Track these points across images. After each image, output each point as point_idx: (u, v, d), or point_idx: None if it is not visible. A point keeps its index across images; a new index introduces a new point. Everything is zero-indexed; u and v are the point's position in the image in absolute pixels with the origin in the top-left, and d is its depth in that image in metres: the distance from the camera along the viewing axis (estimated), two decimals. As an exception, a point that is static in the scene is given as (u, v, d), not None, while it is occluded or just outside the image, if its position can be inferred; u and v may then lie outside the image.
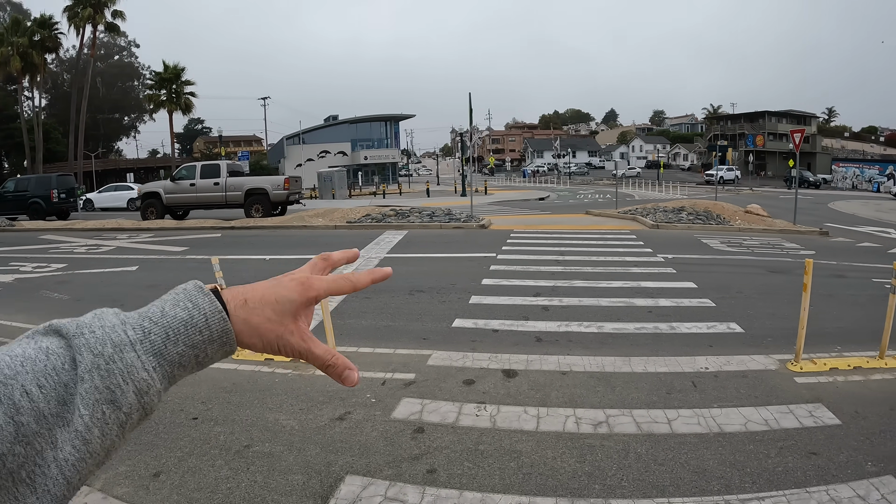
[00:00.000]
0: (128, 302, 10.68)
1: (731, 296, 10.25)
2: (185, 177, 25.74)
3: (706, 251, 15.37)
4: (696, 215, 22.61)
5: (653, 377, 6.40)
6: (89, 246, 19.15)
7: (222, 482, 4.40)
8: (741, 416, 5.36)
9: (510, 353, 7.08)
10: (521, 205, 36.75)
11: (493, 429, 5.11)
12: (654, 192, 53.00)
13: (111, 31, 60.98)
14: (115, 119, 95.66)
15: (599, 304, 9.55)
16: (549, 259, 13.55)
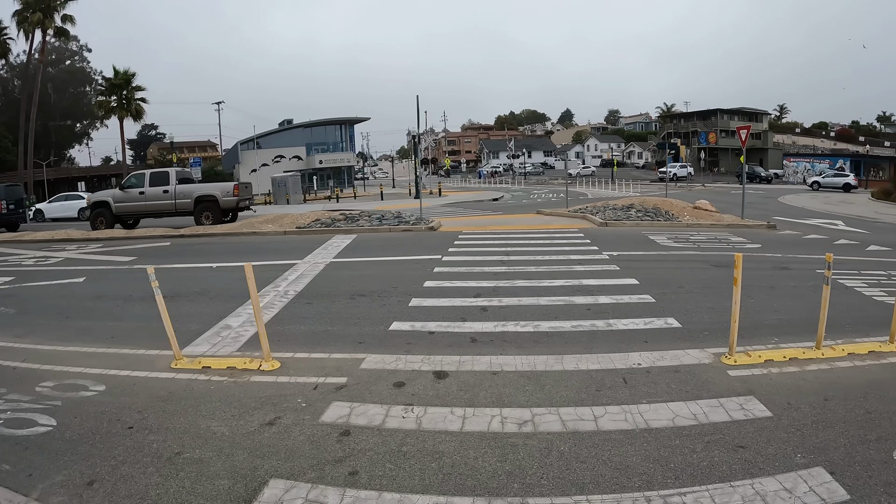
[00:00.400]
0: (73, 314, 10.61)
1: (672, 291, 10.40)
2: (134, 185, 25.49)
3: (652, 248, 15.60)
4: (645, 212, 22.92)
5: (584, 375, 6.44)
6: (38, 258, 18.84)
7: (152, 488, 4.48)
8: (669, 412, 5.41)
9: (443, 355, 7.15)
10: (474, 206, 36.91)
11: (418, 430, 5.17)
12: (608, 191, 53.60)
13: (61, 36, 59.76)
14: (67, 126, 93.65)
15: (539, 303, 9.64)
16: (494, 260, 13.67)
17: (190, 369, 7.18)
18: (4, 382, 7.15)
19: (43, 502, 4.44)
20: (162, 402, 6.22)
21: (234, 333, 8.72)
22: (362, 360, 7.11)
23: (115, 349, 8.28)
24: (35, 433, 5.73)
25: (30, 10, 54.10)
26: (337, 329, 8.69)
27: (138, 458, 4.97)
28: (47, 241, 23.49)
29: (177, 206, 24.94)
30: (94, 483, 4.62)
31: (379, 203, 41.11)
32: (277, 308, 10.08)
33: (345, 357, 7.28)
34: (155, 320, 7.43)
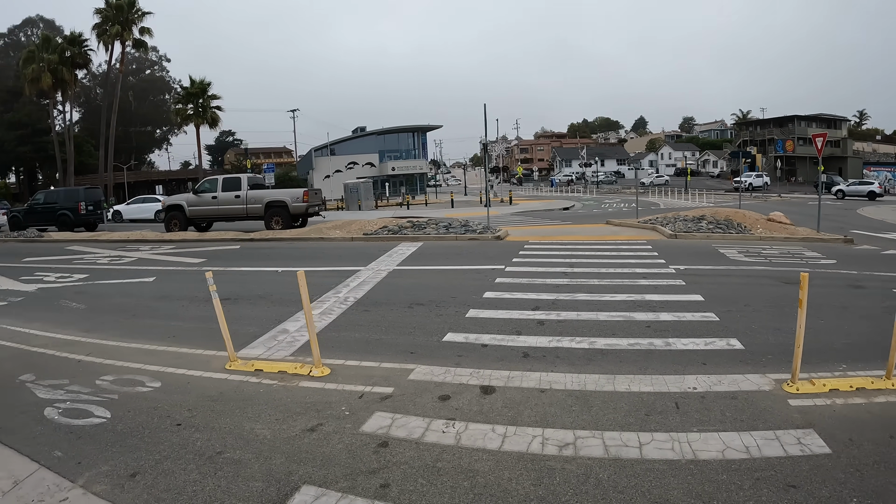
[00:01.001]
0: (139, 312, 10.96)
1: (737, 309, 9.88)
2: (208, 189, 26.25)
3: (721, 262, 15.06)
4: (717, 224, 22.28)
5: (634, 397, 6.14)
6: (112, 257, 19.52)
7: (189, 485, 4.62)
8: (720, 442, 5.05)
9: (493, 370, 7.01)
10: (544, 215, 36.60)
11: (455, 446, 5.06)
12: (680, 201, 52.38)
13: (139, 48, 62.70)
14: (147, 132, 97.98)
15: (598, 318, 9.37)
16: (557, 271, 13.42)
17: (243, 371, 7.33)
18: (67, 374, 7.53)
19: (87, 489, 4.66)
20: (211, 402, 6.38)
21: (289, 338, 8.80)
22: (411, 370, 7.07)
23: (174, 348, 8.55)
24: (89, 424, 5.99)
25: (109, 23, 57.09)
26: (390, 338, 8.67)
27: (181, 455, 5.13)
28: (122, 241, 24.35)
29: (248, 211, 25.52)
30: (137, 475, 4.82)
31: (449, 211, 41.16)
32: (335, 314, 10.13)
33: (394, 367, 7.25)
34: (215, 321, 7.56)
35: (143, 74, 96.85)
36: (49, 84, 56.14)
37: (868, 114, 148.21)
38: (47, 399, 6.73)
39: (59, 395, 6.85)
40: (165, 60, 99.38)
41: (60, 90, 59.57)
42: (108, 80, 64.48)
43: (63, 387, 7.08)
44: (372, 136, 78.97)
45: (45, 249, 23.14)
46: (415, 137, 79.84)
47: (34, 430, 5.92)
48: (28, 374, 7.58)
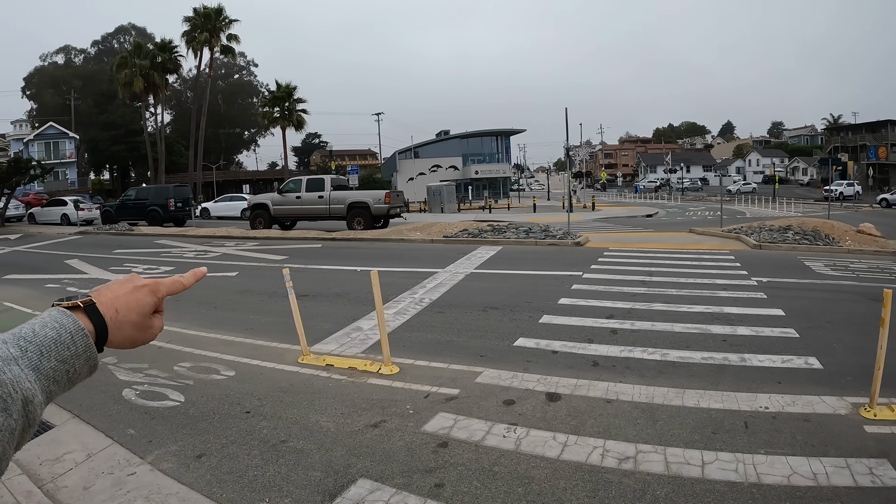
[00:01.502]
0: (220, 305, 11.30)
1: (818, 326, 9.42)
2: (292, 190, 26.90)
3: (806, 275, 14.48)
4: (803, 235, 21.45)
5: (702, 413, 5.92)
6: (198, 252, 20.24)
7: (251, 469, 4.84)
8: (787, 467, 4.80)
9: (560, 377, 6.93)
10: (626, 222, 36.06)
11: (514, 451, 5.03)
12: (767, 210, 50.80)
13: (226, 54, 65.16)
14: (235, 133, 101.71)
15: (672, 329, 9.12)
16: (635, 280, 13.17)
17: (314, 365, 7.52)
18: (147, 359, 7.94)
19: (154, 466, 4.95)
20: (281, 393, 6.59)
21: (362, 335, 8.94)
22: (479, 373, 7.07)
23: (251, 340, 8.85)
24: (164, 406, 6.33)
25: (197, 30, 59.84)
26: (462, 340, 8.69)
27: (247, 441, 5.36)
28: (209, 237, 25.21)
29: (331, 211, 26.04)
30: (203, 457, 5.07)
31: (531, 215, 40.98)
32: (409, 315, 10.23)
33: (462, 369, 7.26)
34: (292, 316, 7.79)
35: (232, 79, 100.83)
36: (141, 88, 58.90)
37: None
38: (126, 381, 7.15)
39: (137, 377, 7.25)
40: (253, 65, 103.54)
41: (152, 93, 62.26)
42: (198, 85, 67.38)
43: (142, 370, 7.49)
44: (455, 139, 79.28)
45: (135, 242, 24.23)
46: (498, 141, 79.80)
47: (111, 408, 6.33)
48: (111, 356, 8.03)
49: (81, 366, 0.94)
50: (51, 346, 0.90)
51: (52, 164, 61.61)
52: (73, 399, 6.62)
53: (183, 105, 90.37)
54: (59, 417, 6.22)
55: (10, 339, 0.89)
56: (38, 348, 0.89)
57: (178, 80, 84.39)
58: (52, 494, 4.64)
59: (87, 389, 6.86)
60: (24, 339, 0.89)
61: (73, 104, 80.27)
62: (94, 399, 6.60)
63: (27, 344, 0.88)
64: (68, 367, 0.92)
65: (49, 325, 0.92)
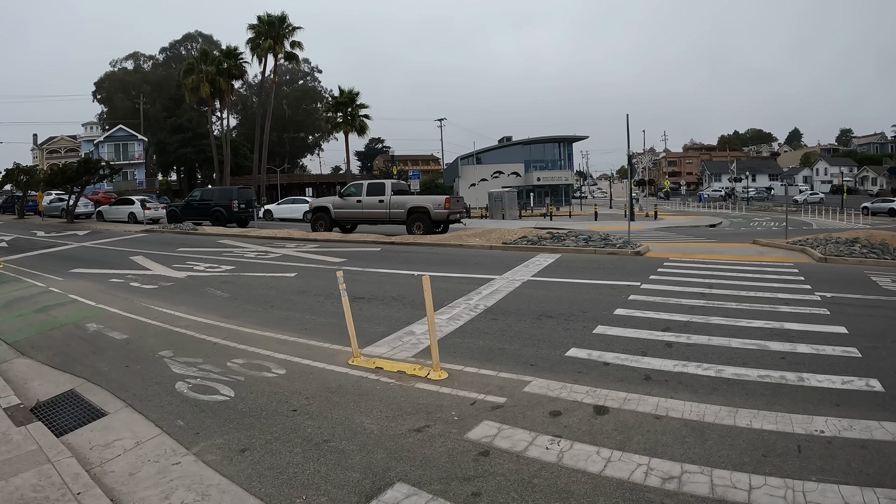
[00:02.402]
0: (277, 304, 11.51)
1: (883, 346, 8.91)
2: (353, 193, 27.24)
3: (872, 291, 13.88)
4: (871, 248, 20.63)
5: (754, 434, 5.66)
6: (258, 252, 20.62)
7: (292, 466, 4.95)
8: (839, 497, 4.55)
9: (610, 389, 6.79)
10: (688, 231, 35.38)
11: (556, 464, 4.94)
12: (835, 221, 49.23)
13: (290, 60, 66.56)
14: (300, 138, 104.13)
15: (730, 345, 8.81)
16: (695, 291, 12.85)
17: (364, 367, 7.60)
18: (202, 354, 8.21)
19: (199, 457, 5.13)
20: (329, 393, 6.68)
21: (414, 340, 8.98)
22: (528, 382, 6.99)
23: (304, 340, 8.99)
24: (214, 400, 6.51)
25: (261, 38, 61.57)
26: (513, 348, 8.61)
27: (291, 438, 5.47)
28: (270, 237, 25.72)
29: (391, 216, 26.26)
30: (246, 451, 5.21)
31: (592, 223, 40.64)
32: (463, 320, 10.21)
33: (511, 377, 7.20)
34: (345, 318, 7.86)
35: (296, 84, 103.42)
36: (207, 93, 60.63)
37: None
38: (180, 374, 7.41)
39: (191, 371, 7.49)
40: (317, 71, 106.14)
41: (218, 98, 63.81)
42: (262, 90, 68.69)
43: (196, 365, 7.74)
44: (517, 145, 79.05)
45: (198, 241, 24.89)
46: (560, 148, 79.27)
47: (164, 399, 6.57)
48: (167, 350, 8.30)
49: None
50: None
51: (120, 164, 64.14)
52: (129, 389, 6.92)
53: (248, 110, 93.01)
54: (113, 405, 6.47)
55: None
56: None
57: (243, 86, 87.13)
58: (99, 478, 4.85)
59: (142, 381, 7.16)
60: None
61: (143, 108, 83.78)
62: (147, 390, 6.86)
63: None
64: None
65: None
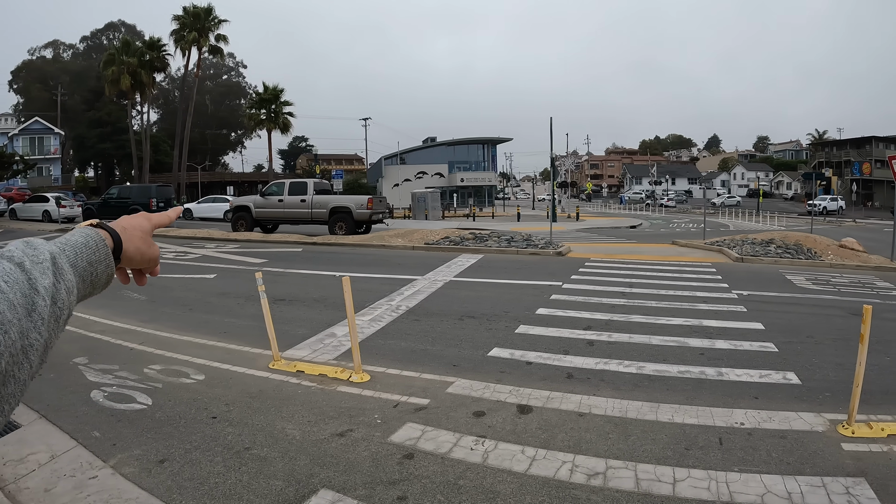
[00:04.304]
0: (196, 307, 11.22)
1: (798, 341, 9.30)
2: (275, 193, 26.84)
3: (787, 289, 14.45)
4: (786, 248, 21.48)
5: (676, 429, 5.76)
6: (178, 252, 20.09)
7: (213, 476, 4.75)
8: (761, 485, 4.66)
9: (534, 388, 6.79)
10: (610, 232, 36.07)
11: (481, 465, 4.90)
12: (751, 223, 51.12)
13: (214, 54, 65.16)
14: (222, 135, 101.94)
15: (650, 342, 9.00)
16: (615, 291, 13.11)
17: (285, 371, 7.42)
18: (119, 360, 7.87)
19: (116, 469, 4.89)
20: (250, 399, 6.49)
21: (336, 342, 8.84)
22: (451, 383, 6.95)
23: (224, 343, 8.74)
24: (131, 409, 6.23)
25: (186, 29, 60.19)
26: (436, 349, 8.57)
27: (211, 447, 5.27)
28: (190, 238, 25.12)
29: (313, 216, 25.99)
30: (165, 462, 5.00)
31: (515, 224, 41.01)
32: (385, 322, 10.12)
33: (434, 378, 7.15)
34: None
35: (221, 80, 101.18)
36: (128, 85, 59.02)
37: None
38: (95, 382, 7.06)
39: (107, 379, 7.15)
40: (242, 66, 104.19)
41: (139, 92, 62.19)
42: (185, 84, 67.23)
43: (112, 372, 7.39)
44: (441, 146, 79.26)
45: (115, 243, 23.97)
46: (484, 149, 79.81)
47: (79, 409, 6.24)
48: (82, 357, 7.98)
49: (102, 271, 1.07)
50: (82, 249, 1.03)
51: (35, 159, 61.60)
52: (42, 398, 6.55)
53: (170, 104, 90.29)
54: (27, 417, 6.13)
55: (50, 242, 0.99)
56: (73, 248, 1.02)
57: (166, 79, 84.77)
58: (14, 496, 4.58)
59: (56, 390, 6.81)
60: (59, 242, 1.02)
61: (61, 100, 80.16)
62: (62, 400, 6.52)
63: (63, 245, 1.01)
64: (93, 270, 1.04)
65: (77, 234, 1.06)
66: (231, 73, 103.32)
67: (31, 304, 0.86)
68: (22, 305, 0.84)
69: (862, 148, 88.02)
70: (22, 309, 0.84)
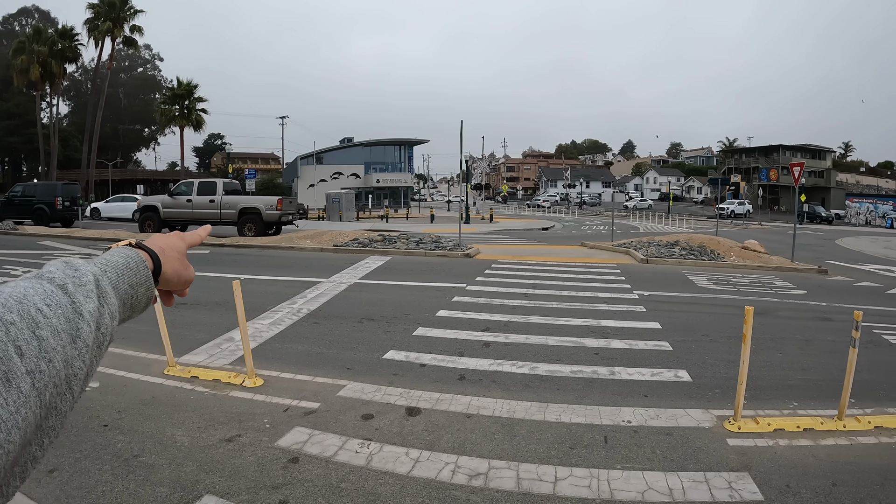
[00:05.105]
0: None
1: (694, 339, 9.65)
2: (183, 192, 26.27)
3: (688, 289, 15.00)
4: (690, 250, 22.26)
5: (563, 428, 5.85)
6: (83, 255, 19.34)
7: (101, 485, 4.68)
8: (643, 483, 4.73)
9: (424, 391, 6.89)
10: (522, 234, 36.59)
11: (365, 467, 4.97)
12: (660, 225, 52.61)
13: (129, 46, 62.87)
14: (136, 130, 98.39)
15: (546, 342, 9.19)
16: (519, 292, 13.37)
17: (179, 377, 7.33)
18: None
19: None
20: (142, 406, 6.39)
21: (233, 346, 8.76)
22: (343, 386, 7.00)
23: (121, 349, 8.49)
24: None
25: (100, 19, 57.84)
26: (332, 352, 8.60)
27: (100, 455, 5.19)
28: (95, 238, 24.34)
29: (222, 216, 25.56)
30: (55, 471, 4.89)
31: (428, 226, 41.18)
32: (285, 325, 10.08)
33: (326, 382, 7.18)
34: (168, 326, 7.64)
35: (136, 72, 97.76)
36: (37, 76, 56.52)
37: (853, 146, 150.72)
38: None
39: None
40: (159, 59, 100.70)
41: (49, 83, 59.70)
42: (98, 76, 64.76)
43: None
44: (358, 147, 78.62)
45: (18, 243, 23.16)
46: (401, 151, 79.69)
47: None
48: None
49: (142, 294, 1.01)
50: (123, 270, 0.96)
51: (-63, 154, 58.45)
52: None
53: (82, 97, 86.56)
54: None
55: (90, 262, 0.93)
56: (114, 270, 0.95)
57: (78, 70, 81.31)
58: None
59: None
60: (100, 263, 0.95)
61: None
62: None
63: (105, 266, 0.94)
64: (133, 293, 0.98)
65: (117, 255, 0.99)
66: (147, 65, 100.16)
67: (75, 330, 0.80)
68: (66, 332, 0.79)
69: (770, 155, 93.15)
70: (66, 335, 0.78)
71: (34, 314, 0.74)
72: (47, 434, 0.77)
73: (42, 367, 0.72)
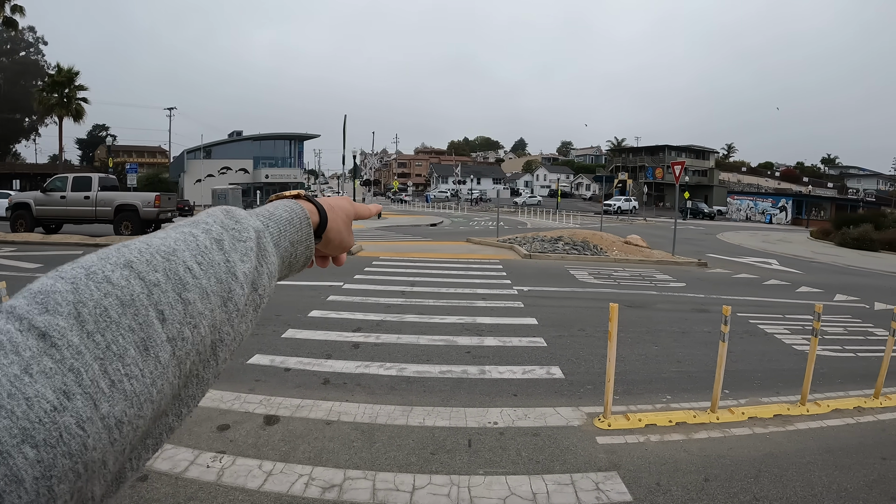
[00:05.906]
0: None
1: (569, 335, 9.68)
2: (57, 188, 24.76)
3: (569, 283, 15.30)
4: (573, 245, 22.80)
5: (425, 432, 5.73)
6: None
7: None
8: (505, 488, 4.61)
9: (286, 397, 6.65)
10: (409, 230, 36.54)
11: (214, 483, 4.71)
12: (548, 221, 53.75)
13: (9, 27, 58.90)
14: (16, 119, 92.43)
15: (418, 342, 9.10)
16: (396, 290, 13.33)
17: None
18: None
19: None
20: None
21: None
22: (201, 395, 6.73)
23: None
24: None
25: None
26: (196, 358, 8.25)
27: None
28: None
29: (97, 214, 24.33)
30: None
31: (315, 221, 40.61)
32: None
33: (184, 391, 6.88)
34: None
35: (17, 57, 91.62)
36: None
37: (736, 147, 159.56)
38: None
39: None
40: (43, 43, 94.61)
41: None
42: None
43: None
44: (247, 141, 77.03)
45: None
46: (291, 145, 78.51)
47: None
48: None
49: (301, 253, 0.92)
50: (286, 226, 0.89)
51: None
52: None
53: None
54: None
55: (252, 213, 0.85)
56: (277, 224, 0.87)
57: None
58: None
59: None
60: (262, 215, 0.86)
61: None
62: None
63: (267, 219, 0.86)
64: (293, 251, 0.90)
65: (280, 207, 0.91)
66: (30, 49, 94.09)
67: (227, 292, 0.71)
68: (216, 294, 0.69)
69: (656, 155, 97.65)
70: (216, 298, 0.69)
71: (182, 274, 0.65)
72: (186, 404, 0.67)
73: (185, 333, 0.63)
